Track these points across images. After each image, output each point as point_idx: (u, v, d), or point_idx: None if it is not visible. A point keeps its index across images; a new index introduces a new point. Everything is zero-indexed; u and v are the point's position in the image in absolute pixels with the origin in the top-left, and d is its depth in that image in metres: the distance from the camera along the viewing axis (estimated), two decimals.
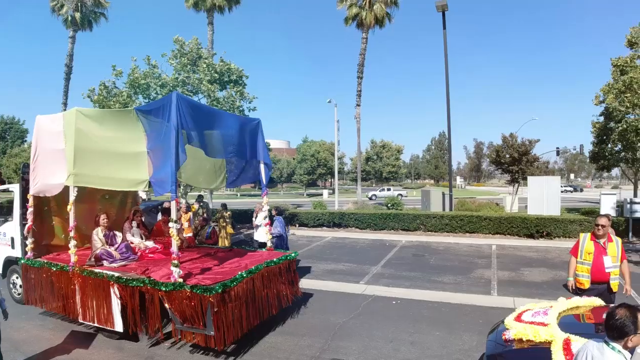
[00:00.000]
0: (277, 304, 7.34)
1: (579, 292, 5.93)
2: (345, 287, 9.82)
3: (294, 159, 62.32)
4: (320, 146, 59.39)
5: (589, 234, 6.09)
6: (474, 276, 10.92)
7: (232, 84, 18.54)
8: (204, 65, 17.62)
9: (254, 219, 12.48)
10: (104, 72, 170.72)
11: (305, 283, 9.81)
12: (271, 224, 10.06)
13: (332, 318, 7.68)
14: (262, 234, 10.65)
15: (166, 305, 6.05)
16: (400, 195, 47.81)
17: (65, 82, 31.39)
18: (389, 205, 23.67)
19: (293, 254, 8.09)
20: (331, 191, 48.27)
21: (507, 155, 25.44)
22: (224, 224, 13.37)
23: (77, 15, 29.66)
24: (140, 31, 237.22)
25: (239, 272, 6.45)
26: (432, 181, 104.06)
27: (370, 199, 45.77)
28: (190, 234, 10.84)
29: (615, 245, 5.96)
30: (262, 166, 8.58)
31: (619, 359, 2.83)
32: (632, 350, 2.93)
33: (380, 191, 51.01)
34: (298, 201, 44.81)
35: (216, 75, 17.84)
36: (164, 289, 5.97)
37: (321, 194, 53.60)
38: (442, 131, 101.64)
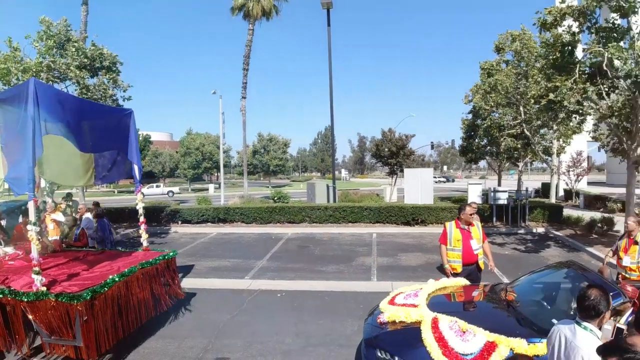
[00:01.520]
0: (157, 306, 6.96)
1: (454, 276, 6.42)
2: (230, 284, 9.64)
3: (177, 152, 59.69)
4: (205, 139, 57.62)
5: (453, 222, 6.66)
6: (355, 264, 11.38)
7: (104, 70, 17.09)
8: (73, 49, 15.98)
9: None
10: None
11: (187, 282, 9.45)
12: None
13: (216, 316, 7.50)
14: None
15: (30, 316, 5.42)
16: (171, 192, 47.40)
17: None
18: (276, 198, 23.76)
19: (171, 253, 7.72)
20: (217, 186, 47.09)
21: (386, 149, 26.84)
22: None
23: None
24: (4, 12, 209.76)
25: (110, 276, 5.96)
26: (318, 174, 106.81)
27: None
28: (57, 237, 9.81)
29: (477, 229, 6.60)
30: (135, 159, 8.00)
31: (592, 338, 2.92)
32: (601, 328, 3.07)
33: (147, 188, 46.65)
34: (182, 197, 43.15)
35: (86, 60, 16.29)
36: (25, 299, 5.33)
37: (207, 189, 52.11)
38: (328, 125, 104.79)
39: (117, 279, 5.99)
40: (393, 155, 26.56)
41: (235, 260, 11.92)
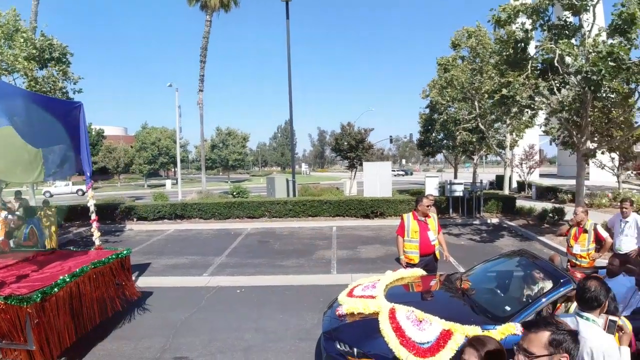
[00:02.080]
0: (111, 307, 6.76)
1: (411, 266, 6.50)
2: (187, 281, 9.43)
3: (132, 147, 57.80)
4: (161, 133, 56.04)
5: (411, 214, 6.74)
6: (315, 257, 11.40)
7: (53, 62, 16.29)
8: (22, 40, 15.12)
9: None
10: None
11: (144, 281, 9.20)
12: None
13: (173, 315, 7.31)
14: None
15: None
16: (81, 190, 42.18)
17: None
18: (235, 193, 23.48)
19: (125, 251, 7.49)
20: (175, 181, 46.09)
21: (346, 143, 26.99)
22: (48, 223, 11.80)
23: None
24: None
25: (61, 277, 5.74)
26: (279, 168, 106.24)
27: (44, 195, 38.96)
28: (2, 238, 9.32)
29: (433, 220, 6.72)
30: (85, 154, 7.69)
31: (595, 328, 2.95)
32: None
33: (55, 187, 42.60)
34: (138, 193, 41.85)
35: (35, 51, 15.46)
36: None
37: (164, 185, 50.91)
38: (288, 119, 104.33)
39: (68, 280, 5.78)
40: (352, 149, 26.74)
41: (193, 257, 11.68)
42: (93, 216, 8.00)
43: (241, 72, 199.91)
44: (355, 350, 4.24)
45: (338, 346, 4.39)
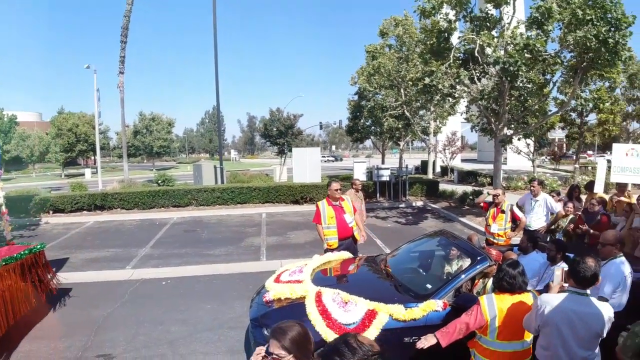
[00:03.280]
0: (26, 306, 6.28)
1: (331, 251, 6.56)
2: (109, 275, 8.96)
3: (47, 134, 53.73)
4: (79, 119, 52.43)
5: (325, 201, 6.81)
6: (244, 245, 11.27)
7: None
8: None
9: None
10: None
11: (62, 277, 8.55)
12: None
13: (95, 311, 6.92)
14: None
15: None
16: None
17: None
18: (159, 181, 22.63)
19: (39, 246, 6.97)
20: (95, 170, 43.61)
21: (275, 129, 26.80)
22: None
23: None
24: None
25: None
26: (207, 155, 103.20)
27: None
28: None
29: (347, 203, 6.85)
30: None
31: (599, 301, 3.14)
32: None
33: None
34: (55, 184, 38.99)
35: None
36: None
37: (83, 174, 47.93)
38: (216, 104, 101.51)
39: None
40: (281, 134, 26.60)
41: (115, 249, 11.11)
42: (3, 209, 7.39)
43: (166, 55, 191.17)
44: None
45: (266, 332, 4.34)
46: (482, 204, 8.15)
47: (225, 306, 6.99)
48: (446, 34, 12.39)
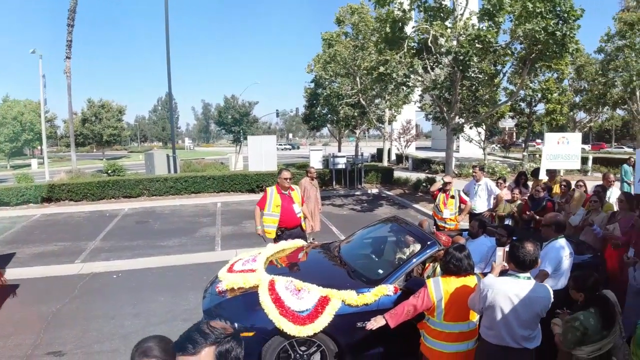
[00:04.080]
0: None
1: (266, 239, 6.59)
2: (58, 270, 8.61)
3: None
4: (25, 107, 49.81)
5: (274, 188, 6.80)
6: (199, 235, 11.12)
7: None
8: None
9: None
10: None
11: (8, 273, 8.20)
12: None
13: (44, 308, 6.67)
14: None
15: None
16: None
17: None
18: (109, 171, 21.88)
19: None
20: (41, 160, 41.66)
21: (230, 116, 26.45)
22: None
23: None
24: None
25: None
26: (160, 144, 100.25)
27: None
28: None
29: (297, 193, 6.89)
30: None
31: (538, 283, 3.31)
32: None
33: None
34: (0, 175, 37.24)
35: None
36: None
37: (29, 165, 45.65)
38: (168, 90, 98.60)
39: None
40: (237, 122, 26.28)
41: (64, 243, 10.69)
42: None
43: (116, 40, 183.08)
44: (236, 325, 4.19)
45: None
46: (434, 193, 8.38)
47: (179, 298, 6.90)
48: (400, 24, 12.51)
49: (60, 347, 5.45)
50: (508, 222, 7.84)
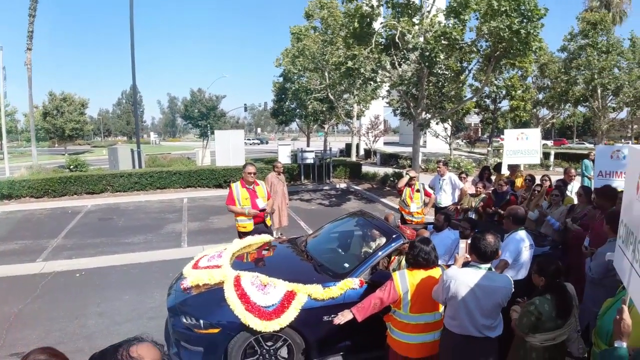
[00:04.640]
0: None
1: (244, 235, 6.50)
2: (18, 269, 8.34)
3: None
4: None
5: (239, 183, 6.77)
6: (165, 231, 10.98)
7: None
8: None
9: None
10: None
11: None
12: None
13: (5, 308, 6.45)
14: None
15: None
16: None
17: None
18: (71, 166, 21.26)
19: None
20: (1, 155, 40.06)
21: (196, 110, 26.05)
22: None
23: None
24: None
25: None
26: (124, 138, 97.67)
27: None
28: None
29: (262, 188, 6.87)
30: None
31: (498, 273, 3.51)
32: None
33: None
34: None
35: None
36: None
37: None
38: (132, 83, 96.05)
39: None
40: (204, 116, 25.90)
41: (24, 241, 10.34)
42: None
43: (79, 31, 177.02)
44: (201, 321, 4.19)
45: (184, 320, 4.29)
46: (400, 188, 8.52)
47: (145, 296, 6.80)
48: (369, 19, 12.60)
49: (23, 348, 5.27)
50: (472, 215, 8.06)
